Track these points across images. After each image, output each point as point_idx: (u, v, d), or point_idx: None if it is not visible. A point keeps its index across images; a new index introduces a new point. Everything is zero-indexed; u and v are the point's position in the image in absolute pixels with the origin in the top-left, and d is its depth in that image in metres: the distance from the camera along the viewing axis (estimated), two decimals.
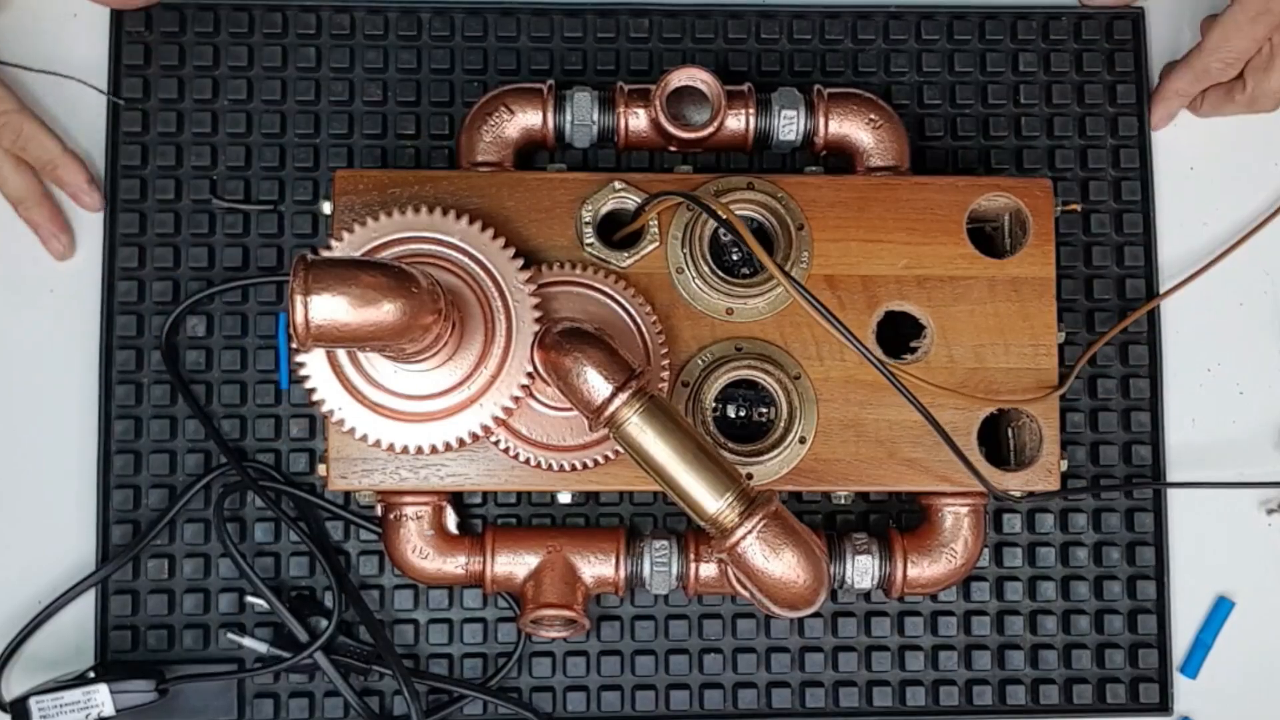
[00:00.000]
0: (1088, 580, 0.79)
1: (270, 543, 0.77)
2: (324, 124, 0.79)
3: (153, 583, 0.76)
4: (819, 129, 0.74)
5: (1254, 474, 0.80)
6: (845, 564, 0.72)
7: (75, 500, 0.77)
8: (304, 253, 0.56)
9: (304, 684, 0.76)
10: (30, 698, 0.71)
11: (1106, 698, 0.78)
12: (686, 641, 0.78)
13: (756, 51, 0.81)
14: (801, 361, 0.71)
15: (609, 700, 0.77)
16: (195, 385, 0.77)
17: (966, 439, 0.71)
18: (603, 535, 0.72)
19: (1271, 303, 0.81)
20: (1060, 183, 0.80)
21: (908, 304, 0.71)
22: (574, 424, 0.68)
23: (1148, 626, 0.79)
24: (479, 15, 0.80)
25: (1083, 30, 0.82)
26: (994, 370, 0.71)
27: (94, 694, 0.72)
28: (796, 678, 0.78)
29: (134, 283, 0.77)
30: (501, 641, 0.77)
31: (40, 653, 0.76)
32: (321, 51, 0.79)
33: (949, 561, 0.73)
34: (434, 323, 0.58)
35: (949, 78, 0.81)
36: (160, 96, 0.79)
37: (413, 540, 0.71)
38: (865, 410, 0.71)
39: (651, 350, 0.68)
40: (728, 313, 0.71)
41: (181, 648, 0.76)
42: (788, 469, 0.70)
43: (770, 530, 0.60)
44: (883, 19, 0.81)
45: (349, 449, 0.68)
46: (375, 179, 0.70)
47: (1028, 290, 0.72)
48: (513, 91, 0.74)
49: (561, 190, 0.71)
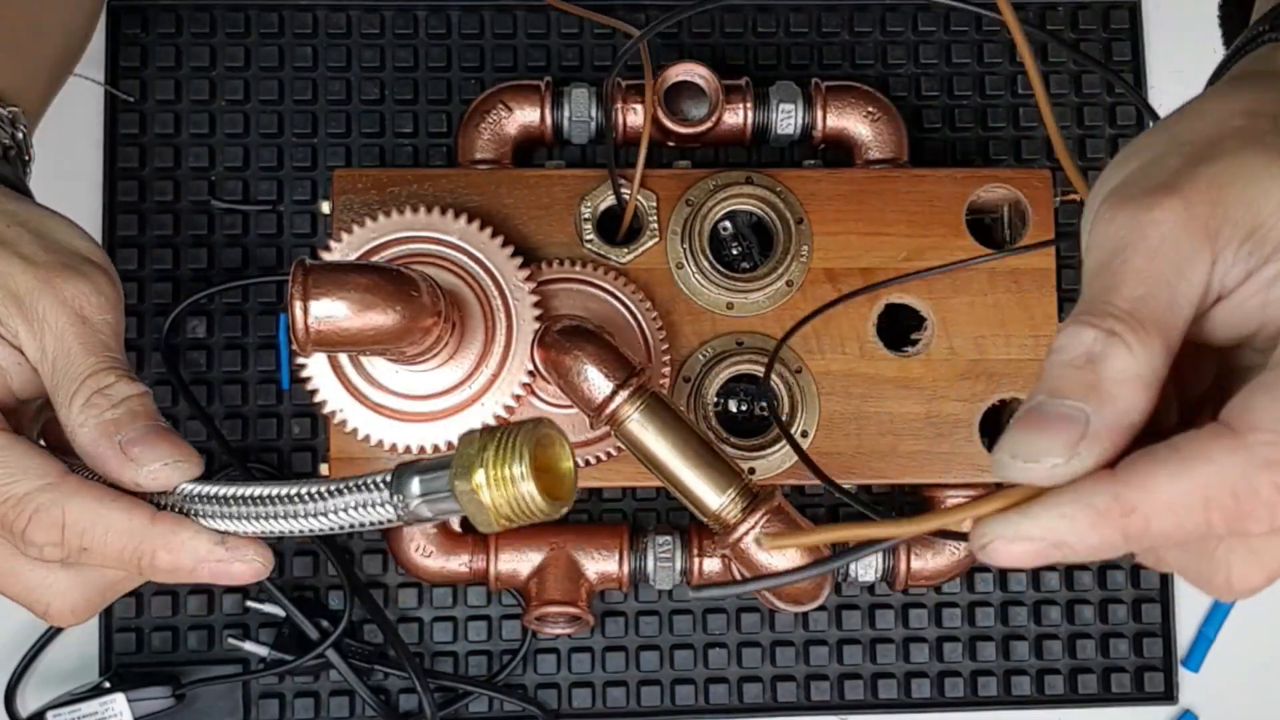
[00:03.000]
0: (1091, 570, 0.79)
1: (273, 543, 0.77)
2: (322, 123, 0.79)
3: (156, 584, 0.76)
4: (817, 122, 0.74)
5: None
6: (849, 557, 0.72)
7: None
8: (302, 257, 0.56)
9: (310, 684, 0.76)
10: (48, 712, 0.72)
11: (1111, 687, 0.78)
12: (691, 636, 0.78)
13: (753, 45, 0.81)
14: (802, 355, 0.71)
15: (614, 696, 0.77)
16: (196, 386, 0.77)
17: (968, 431, 0.71)
18: (606, 531, 0.72)
19: None
20: (1059, 173, 0.80)
21: (908, 296, 0.71)
22: (575, 421, 0.68)
23: (1152, 616, 0.79)
24: (475, 12, 0.80)
25: (1079, 20, 0.81)
26: (995, 361, 0.71)
27: (111, 704, 0.72)
28: (801, 671, 0.78)
29: (133, 284, 0.77)
30: (506, 638, 0.77)
31: (45, 657, 0.76)
32: (318, 51, 0.79)
33: (952, 553, 0.73)
34: (434, 325, 0.58)
35: (946, 69, 0.81)
36: (157, 98, 0.79)
37: (416, 539, 0.72)
38: (866, 404, 0.71)
39: (652, 346, 0.68)
40: (728, 307, 0.71)
41: (186, 649, 0.76)
42: (790, 463, 0.70)
43: (773, 525, 0.60)
44: (880, 11, 0.81)
45: (351, 449, 0.68)
46: (374, 178, 0.70)
47: (1028, 281, 0.72)
48: (510, 88, 0.74)
49: (560, 187, 0.71)
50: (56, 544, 0.47)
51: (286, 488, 0.47)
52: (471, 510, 0.44)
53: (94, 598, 0.50)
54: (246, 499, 0.47)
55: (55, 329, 0.48)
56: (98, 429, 0.47)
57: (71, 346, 0.48)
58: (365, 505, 0.46)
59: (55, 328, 0.48)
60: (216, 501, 0.47)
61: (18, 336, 0.48)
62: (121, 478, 0.47)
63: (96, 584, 0.50)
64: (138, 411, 0.48)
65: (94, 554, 0.47)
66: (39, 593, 0.49)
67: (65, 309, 0.48)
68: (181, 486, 0.48)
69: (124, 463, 0.47)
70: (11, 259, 0.48)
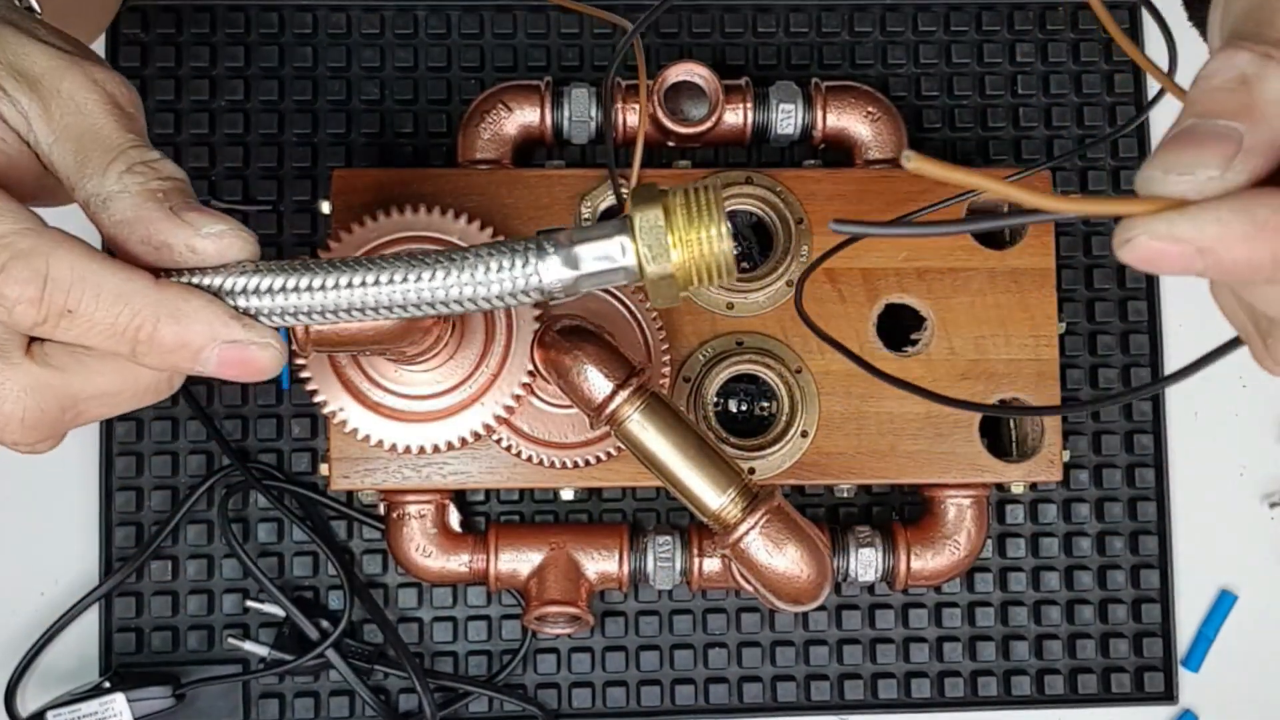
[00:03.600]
0: (1091, 570, 0.79)
1: (273, 543, 0.77)
2: (321, 123, 0.79)
3: (156, 585, 0.76)
4: (817, 122, 0.74)
5: (1256, 467, 0.80)
6: (848, 557, 0.72)
7: (78, 504, 0.77)
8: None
9: (310, 684, 0.76)
10: (48, 712, 0.72)
11: (1111, 687, 0.78)
12: (691, 636, 0.78)
13: (753, 45, 0.81)
14: (802, 355, 0.71)
15: (614, 696, 0.77)
16: (196, 386, 0.77)
17: (968, 431, 0.71)
18: (606, 531, 0.72)
19: None
20: (1059, 173, 0.80)
21: (908, 296, 0.71)
22: (576, 421, 0.68)
23: (1152, 615, 0.79)
24: (475, 12, 0.80)
25: (1079, 20, 0.81)
26: (995, 361, 0.71)
27: (111, 704, 0.72)
28: (801, 671, 0.78)
29: None
30: (506, 638, 0.77)
31: (45, 656, 0.76)
32: (318, 51, 0.79)
33: (952, 553, 0.73)
34: (434, 324, 0.58)
35: (946, 69, 0.81)
36: (157, 98, 0.78)
37: (416, 538, 0.71)
38: (866, 403, 0.71)
39: (652, 346, 0.68)
40: (728, 307, 0.71)
41: (186, 649, 0.76)
42: (790, 463, 0.70)
43: (773, 525, 0.60)
44: (879, 11, 0.81)
45: (351, 449, 0.68)
46: (373, 178, 0.70)
47: (1028, 281, 0.72)
48: (510, 89, 0.74)
49: (560, 187, 0.71)
50: (34, 300, 0.38)
51: (396, 267, 0.41)
52: (657, 280, 0.41)
53: (51, 410, 0.41)
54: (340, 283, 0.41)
55: (81, 106, 0.42)
56: (142, 192, 0.40)
57: (102, 122, 0.42)
58: (503, 277, 0.41)
59: (81, 105, 0.42)
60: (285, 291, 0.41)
61: (27, 118, 0.41)
62: (170, 239, 0.40)
63: (58, 392, 0.41)
64: (187, 192, 0.42)
65: (79, 320, 0.38)
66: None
67: (95, 88, 0.42)
68: (226, 276, 0.41)
69: (176, 224, 0.40)
70: (30, 40, 0.42)
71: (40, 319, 0.39)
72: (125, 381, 0.41)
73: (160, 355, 0.40)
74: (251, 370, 0.41)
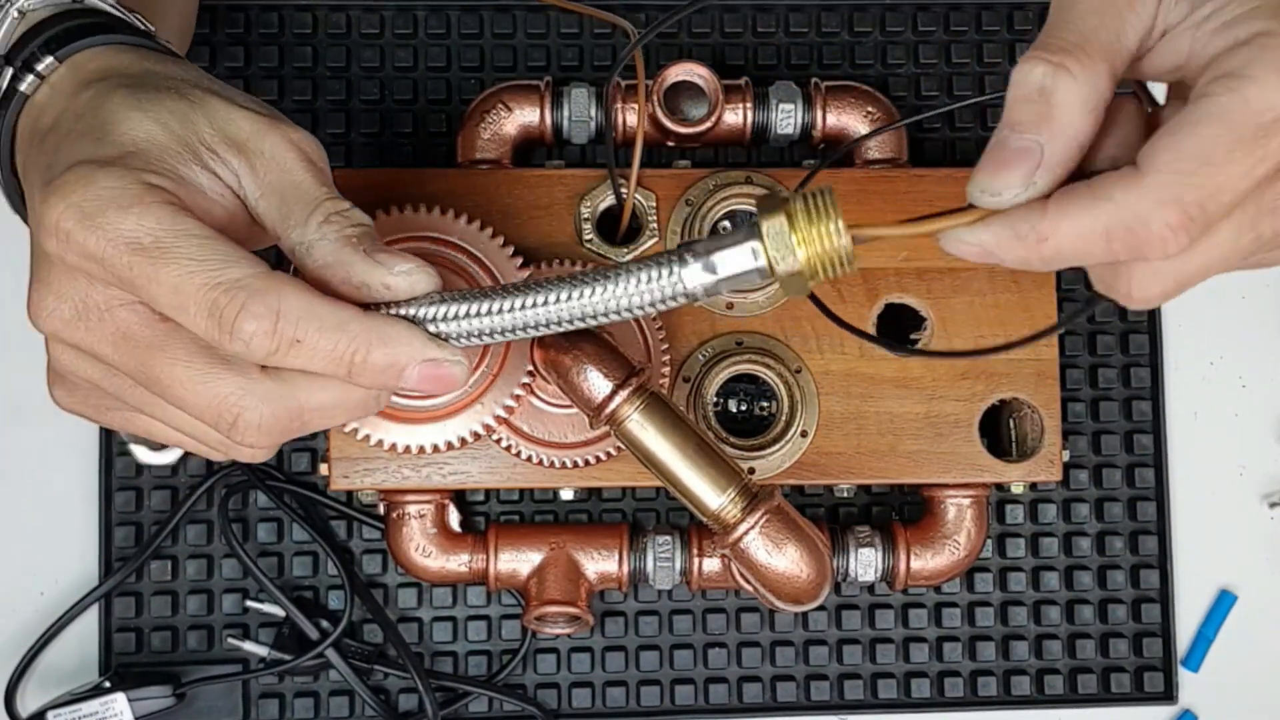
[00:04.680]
0: (1091, 570, 0.79)
1: (273, 543, 0.77)
2: (321, 123, 0.79)
3: (156, 585, 0.76)
4: (817, 122, 0.74)
5: (1255, 467, 0.80)
6: (848, 557, 0.72)
7: (78, 504, 0.77)
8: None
9: (309, 684, 0.76)
10: (48, 712, 0.72)
11: (1111, 687, 0.78)
12: (690, 636, 0.78)
13: (753, 45, 0.81)
14: (802, 355, 0.71)
15: (614, 696, 0.77)
16: None
17: (968, 430, 0.71)
18: (605, 531, 0.72)
19: (1274, 295, 0.81)
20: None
21: (907, 296, 0.71)
22: (575, 421, 0.68)
23: (1151, 615, 0.79)
24: (475, 12, 0.80)
25: None
26: (995, 361, 0.71)
27: (111, 704, 0.72)
28: (801, 671, 0.78)
29: None
30: (505, 638, 0.77)
31: (45, 656, 0.76)
32: (318, 51, 0.79)
33: (952, 553, 0.73)
34: None
35: (946, 69, 0.81)
36: None
37: (416, 538, 0.71)
38: (866, 403, 0.71)
39: (652, 346, 0.68)
40: (728, 307, 0.71)
41: (186, 649, 0.76)
42: (789, 463, 0.70)
43: (772, 525, 0.60)
44: (879, 11, 0.81)
45: (350, 449, 0.68)
46: (373, 178, 0.70)
47: (1027, 281, 0.72)
48: (510, 88, 0.74)
49: (560, 187, 0.71)
50: (268, 334, 0.44)
51: (558, 286, 0.48)
52: (786, 277, 0.46)
53: (284, 418, 0.47)
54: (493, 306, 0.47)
55: (282, 165, 0.48)
56: (340, 239, 0.46)
57: (301, 179, 0.48)
58: (652, 287, 0.47)
59: (282, 164, 0.48)
60: (457, 312, 0.47)
61: (237, 176, 0.47)
62: (368, 279, 0.46)
63: (289, 404, 0.47)
64: (374, 235, 0.47)
65: (305, 349, 0.44)
66: (231, 400, 0.46)
67: (292, 148, 0.48)
68: (418, 306, 0.47)
69: (372, 265, 0.46)
70: (232, 107, 0.48)
71: (274, 349, 0.44)
72: (342, 397, 0.47)
73: (372, 375, 0.46)
74: (446, 384, 0.47)
